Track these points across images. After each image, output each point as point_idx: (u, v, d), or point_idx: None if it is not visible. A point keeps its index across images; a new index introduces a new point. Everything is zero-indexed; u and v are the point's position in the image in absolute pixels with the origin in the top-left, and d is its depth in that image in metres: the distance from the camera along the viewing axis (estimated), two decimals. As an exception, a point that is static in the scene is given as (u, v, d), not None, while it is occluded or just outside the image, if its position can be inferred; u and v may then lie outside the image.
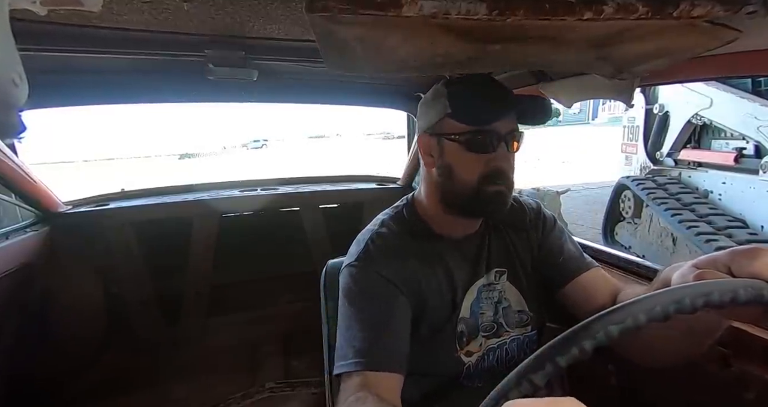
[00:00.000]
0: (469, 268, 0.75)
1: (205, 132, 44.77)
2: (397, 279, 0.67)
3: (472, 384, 0.74)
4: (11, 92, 0.28)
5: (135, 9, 0.65)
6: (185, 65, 1.01)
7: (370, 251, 0.69)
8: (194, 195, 2.01)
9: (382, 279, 0.66)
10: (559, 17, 0.44)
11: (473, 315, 0.73)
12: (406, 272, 0.68)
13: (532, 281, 0.79)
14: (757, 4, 0.44)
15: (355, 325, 0.63)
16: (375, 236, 0.72)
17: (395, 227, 0.74)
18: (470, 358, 0.73)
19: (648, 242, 3.85)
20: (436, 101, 0.70)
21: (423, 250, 0.72)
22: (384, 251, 0.69)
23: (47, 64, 0.99)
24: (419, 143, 0.74)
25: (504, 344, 0.75)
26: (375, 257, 0.68)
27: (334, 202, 2.29)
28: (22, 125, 0.30)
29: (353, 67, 0.70)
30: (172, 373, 1.78)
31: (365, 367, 0.59)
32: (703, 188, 3.75)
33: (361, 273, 0.67)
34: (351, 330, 0.63)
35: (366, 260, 0.68)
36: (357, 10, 0.40)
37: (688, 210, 3.47)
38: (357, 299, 0.66)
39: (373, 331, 0.62)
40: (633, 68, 0.71)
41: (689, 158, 3.96)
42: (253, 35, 0.81)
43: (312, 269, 2.16)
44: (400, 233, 0.73)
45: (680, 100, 3.89)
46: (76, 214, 1.72)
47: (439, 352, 0.71)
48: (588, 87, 0.89)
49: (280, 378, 1.73)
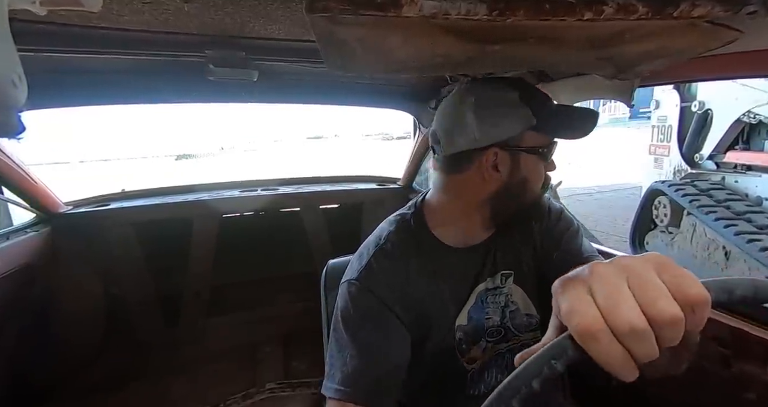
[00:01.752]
0: (472, 276, 0.73)
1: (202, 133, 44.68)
2: (397, 305, 0.64)
3: (478, 391, 0.73)
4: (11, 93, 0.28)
5: (135, 9, 0.65)
6: (185, 66, 1.01)
7: (373, 270, 0.66)
8: (195, 196, 2.01)
9: (382, 305, 0.64)
10: (559, 17, 0.43)
11: (471, 321, 0.71)
12: (409, 294, 0.66)
13: (535, 279, 0.76)
14: (757, 4, 0.44)
15: (347, 348, 0.61)
16: (378, 253, 0.68)
17: (401, 241, 0.70)
18: (473, 365, 0.72)
19: (689, 254, 3.31)
20: (510, 112, 0.63)
21: (429, 265, 0.69)
22: (387, 271, 0.66)
23: (47, 64, 0.99)
24: (486, 159, 0.64)
25: (513, 349, 0.74)
26: (377, 277, 0.65)
27: (334, 202, 2.29)
28: (22, 125, 0.31)
29: (353, 67, 0.70)
30: (172, 373, 1.78)
31: (350, 399, 0.57)
32: (755, 194, 3.24)
33: (361, 295, 0.64)
34: (343, 351, 0.61)
35: (367, 280, 0.65)
36: (357, 10, 0.40)
37: (743, 220, 2.95)
38: (353, 323, 0.63)
39: (365, 359, 0.60)
40: (633, 68, 0.71)
41: (738, 161, 3.42)
42: (254, 36, 0.81)
43: (312, 270, 2.16)
44: (405, 249, 0.69)
45: (728, 96, 3.37)
46: (77, 214, 1.72)
47: (441, 361, 0.70)
48: (588, 87, 0.89)
49: (280, 379, 1.73)
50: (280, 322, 2.13)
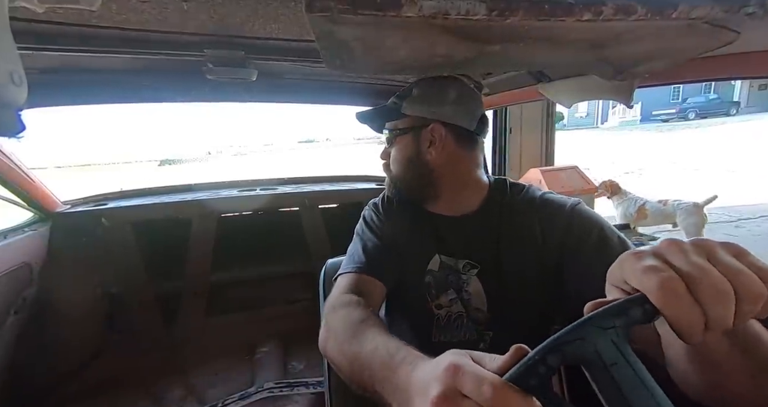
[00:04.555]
0: (454, 244, 0.76)
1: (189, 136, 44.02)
2: (391, 227, 0.79)
3: (442, 339, 0.75)
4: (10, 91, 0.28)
5: (134, 8, 0.65)
6: (185, 65, 1.01)
7: (383, 202, 0.84)
8: (193, 195, 2.01)
9: (382, 223, 0.80)
10: (558, 18, 0.44)
11: (441, 270, 0.75)
12: (398, 226, 0.79)
13: (501, 280, 0.72)
14: (756, 6, 0.44)
15: (358, 246, 0.77)
16: (388, 193, 0.84)
17: (394, 198, 0.84)
18: (440, 311, 0.75)
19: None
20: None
21: (417, 218, 0.80)
22: (390, 204, 0.83)
23: (46, 63, 0.99)
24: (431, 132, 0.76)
25: (469, 315, 0.74)
26: (384, 207, 0.83)
27: (333, 202, 2.29)
28: (22, 124, 0.31)
29: (353, 67, 0.70)
30: (171, 373, 1.77)
31: (358, 270, 0.71)
32: None
33: (371, 215, 0.83)
34: (354, 247, 0.78)
35: (378, 208, 0.84)
36: (356, 10, 0.40)
37: None
38: (363, 231, 0.81)
39: (369, 248, 0.75)
40: (632, 69, 0.71)
41: None
42: (253, 35, 0.81)
43: (311, 269, 2.17)
44: (399, 203, 0.83)
45: None
46: (75, 213, 1.72)
47: (412, 304, 0.77)
48: (587, 88, 0.89)
49: (278, 379, 1.73)
50: (279, 322, 2.13)
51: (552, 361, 0.28)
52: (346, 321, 0.59)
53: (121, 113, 26.21)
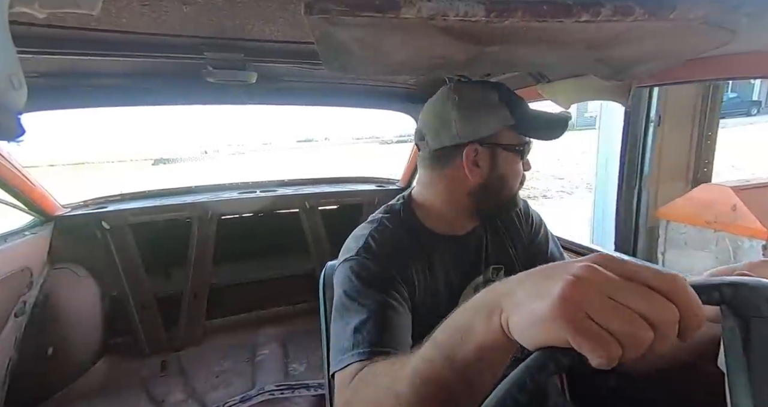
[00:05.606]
0: (467, 266, 0.75)
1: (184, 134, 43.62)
2: (398, 275, 0.65)
3: None
4: (10, 95, 0.28)
5: (134, 12, 0.65)
6: (184, 68, 1.01)
7: (371, 246, 0.67)
8: (193, 197, 2.01)
9: (384, 272, 0.64)
10: (557, 19, 0.44)
11: (477, 287, 0.74)
12: (405, 269, 0.67)
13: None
14: (753, 7, 0.44)
15: (356, 316, 0.58)
16: (374, 232, 0.70)
17: (394, 226, 0.72)
18: None
19: None
20: (490, 111, 0.67)
21: (421, 249, 0.71)
22: (385, 245, 0.67)
23: (46, 67, 0.99)
24: (466, 154, 0.68)
25: None
26: (375, 252, 0.66)
27: (333, 203, 2.29)
28: (21, 127, 0.31)
29: (352, 69, 0.70)
30: (171, 375, 1.77)
31: (368, 356, 0.52)
32: None
33: (362, 266, 0.64)
34: (351, 322, 0.57)
35: (367, 253, 0.66)
36: (355, 12, 0.40)
37: None
38: (358, 290, 0.61)
39: (378, 317, 0.57)
40: (630, 70, 0.71)
41: None
42: (252, 38, 0.82)
43: (311, 271, 2.18)
44: (399, 232, 0.71)
45: None
46: (75, 217, 1.72)
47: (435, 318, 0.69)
48: (586, 88, 0.89)
49: (279, 381, 1.72)
50: (279, 324, 2.13)
51: None
52: (369, 390, 0.47)
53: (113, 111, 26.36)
